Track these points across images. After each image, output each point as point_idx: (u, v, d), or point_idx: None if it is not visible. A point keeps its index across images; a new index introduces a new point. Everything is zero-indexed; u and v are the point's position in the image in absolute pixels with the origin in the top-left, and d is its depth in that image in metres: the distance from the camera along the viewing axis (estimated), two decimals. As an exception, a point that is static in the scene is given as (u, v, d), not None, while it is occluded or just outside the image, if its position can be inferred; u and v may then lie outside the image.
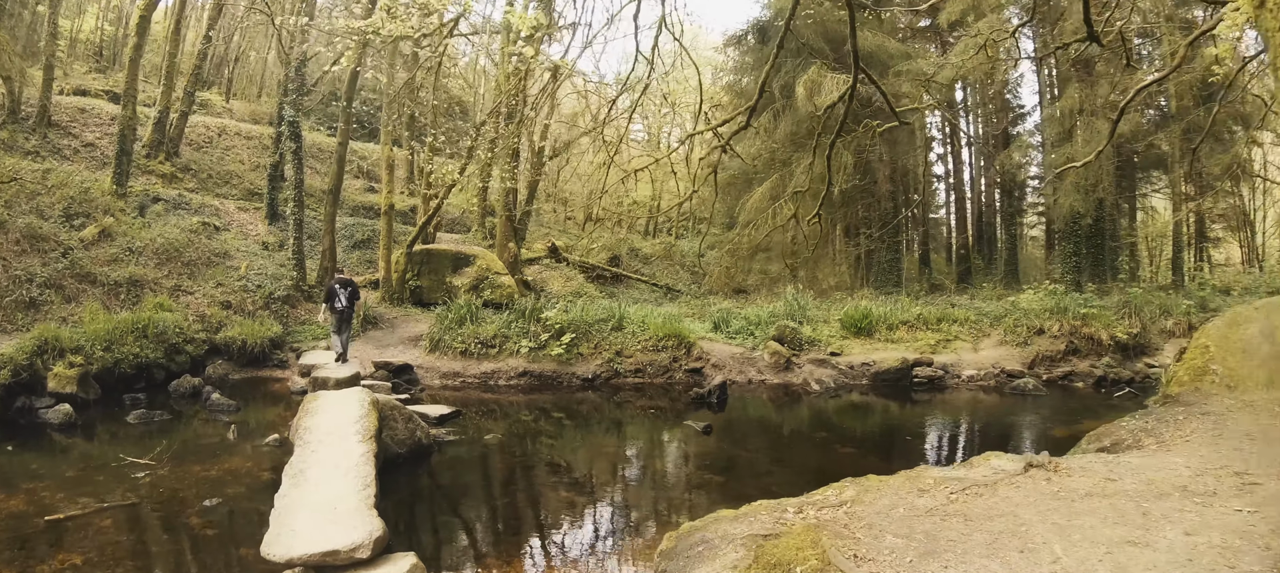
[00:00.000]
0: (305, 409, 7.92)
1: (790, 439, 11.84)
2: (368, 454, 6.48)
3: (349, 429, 7.05)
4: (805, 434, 12.18)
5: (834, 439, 11.72)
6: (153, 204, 20.59)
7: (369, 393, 8.48)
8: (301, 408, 8.11)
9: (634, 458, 10.29)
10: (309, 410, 7.82)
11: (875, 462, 10.08)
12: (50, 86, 23.40)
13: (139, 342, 13.90)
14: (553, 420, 12.60)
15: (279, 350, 15.59)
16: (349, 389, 8.68)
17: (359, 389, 8.48)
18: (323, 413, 7.62)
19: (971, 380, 16.33)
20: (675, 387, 15.10)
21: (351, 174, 29.80)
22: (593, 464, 9.82)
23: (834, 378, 16.27)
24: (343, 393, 8.58)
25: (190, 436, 10.53)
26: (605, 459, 10.11)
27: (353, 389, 8.61)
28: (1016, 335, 17.81)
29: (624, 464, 9.91)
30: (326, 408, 7.82)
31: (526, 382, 14.59)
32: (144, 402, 12.57)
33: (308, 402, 8.35)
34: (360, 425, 7.09)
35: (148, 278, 16.28)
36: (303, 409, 8.00)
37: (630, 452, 10.63)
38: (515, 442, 10.74)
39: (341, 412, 7.62)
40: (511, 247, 20.52)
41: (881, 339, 18.46)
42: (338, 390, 9.08)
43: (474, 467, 9.53)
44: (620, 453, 10.51)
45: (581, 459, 10.03)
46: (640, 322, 16.03)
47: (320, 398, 8.37)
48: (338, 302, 13.10)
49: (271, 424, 11.02)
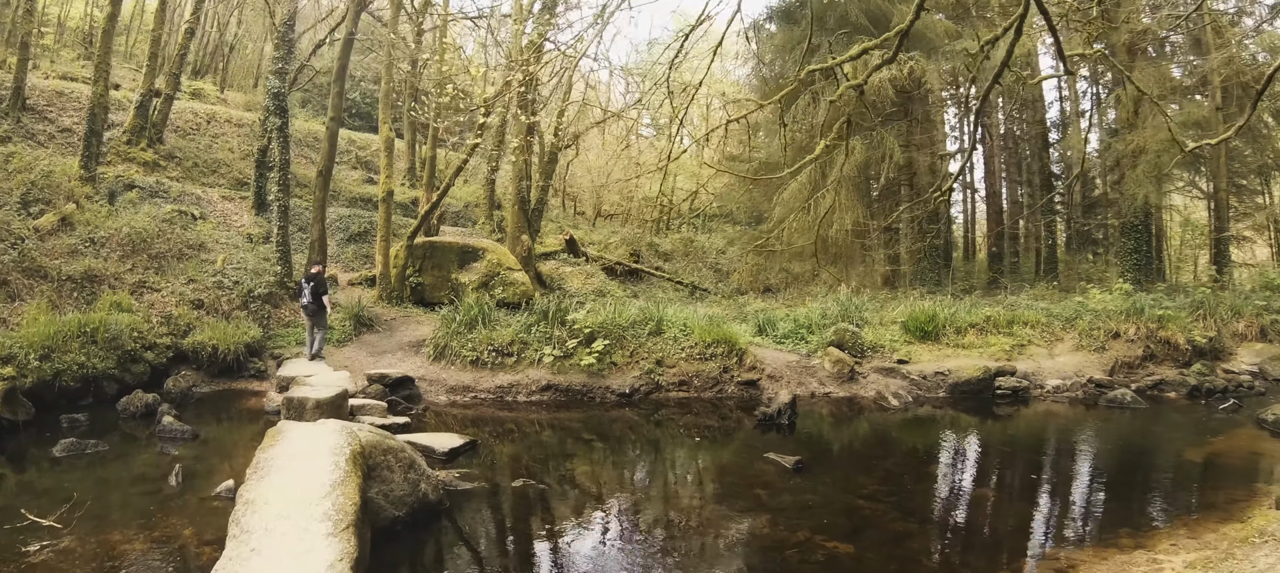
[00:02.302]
0: (257, 463, 5.14)
1: (908, 477, 9.11)
2: (340, 562, 3.69)
3: (313, 507, 4.28)
4: (922, 468, 9.51)
5: (960, 476, 9.08)
6: (126, 192, 17.80)
7: (352, 434, 5.70)
8: (254, 459, 5.34)
9: (717, 515, 7.43)
10: (260, 465, 5.04)
11: (1048, 513, 7.41)
12: (25, 67, 20.71)
13: (86, 349, 11.14)
14: (590, 450, 9.86)
15: (257, 358, 12.83)
16: (325, 427, 5.90)
17: (336, 431, 5.70)
18: (277, 472, 4.84)
19: (1058, 391, 13.87)
20: (726, 402, 12.40)
21: (348, 164, 26.99)
22: (665, 527, 7.04)
23: (908, 390, 13.64)
24: (315, 432, 5.79)
25: (123, 479, 7.74)
26: (680, 517, 7.30)
27: (328, 428, 5.83)
28: (1092, 340, 15.45)
29: (710, 528, 6.94)
30: (285, 462, 5.05)
31: (551, 397, 11.84)
32: (84, 424, 9.85)
33: (264, 446, 5.59)
34: (332, 502, 4.30)
35: (107, 272, 13.49)
36: (254, 462, 5.23)
37: (708, 503, 7.80)
38: (549, 489, 7.97)
39: (307, 471, 4.86)
40: (525, 239, 17.73)
41: (949, 344, 15.89)
42: (311, 424, 6.28)
43: (498, 535, 6.79)
44: (696, 506, 7.69)
45: (647, 519, 7.23)
46: (682, 325, 13.30)
47: (281, 441, 5.59)
48: (303, 297, 10.57)
49: (231, 460, 8.26)
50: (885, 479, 9.03)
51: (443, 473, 7.52)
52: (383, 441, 6.21)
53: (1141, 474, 9.10)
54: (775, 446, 9.64)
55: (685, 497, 8.00)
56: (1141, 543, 6.21)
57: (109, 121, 21.24)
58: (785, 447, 9.57)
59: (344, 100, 16.44)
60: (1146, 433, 11.02)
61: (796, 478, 8.38)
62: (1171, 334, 15.21)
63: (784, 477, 8.41)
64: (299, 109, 30.67)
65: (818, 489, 8.18)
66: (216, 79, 34.21)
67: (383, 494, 5.87)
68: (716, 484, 8.40)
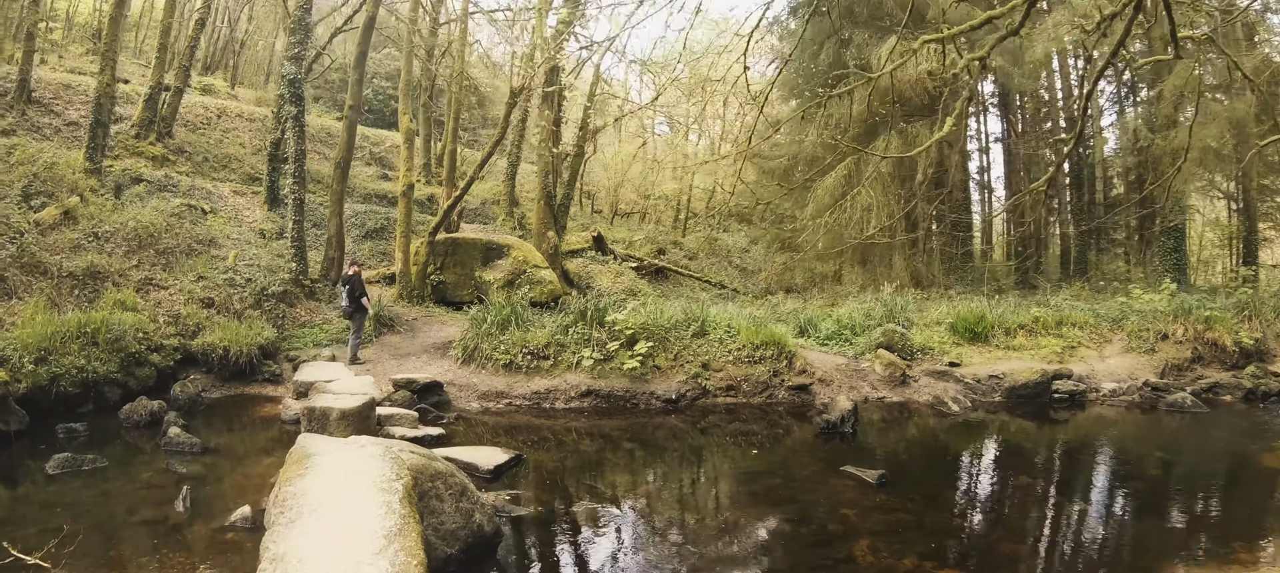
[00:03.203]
0: (283, 499, 4.00)
1: (996, 491, 8.05)
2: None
3: (366, 569, 3.15)
4: (1006, 480, 8.48)
5: (1049, 489, 8.02)
6: (133, 185, 16.70)
7: (398, 459, 4.59)
8: (278, 493, 4.21)
9: (810, 542, 6.31)
10: (288, 504, 3.90)
11: (1154, 527, 6.33)
12: (31, 59, 19.78)
13: (86, 351, 10.04)
14: (644, 465, 8.75)
15: (271, 360, 11.71)
16: (363, 450, 4.78)
17: (379, 456, 4.57)
18: (311, 515, 3.68)
19: (1114, 395, 12.82)
20: (776, 408, 11.28)
21: (362, 160, 25.88)
22: (755, 559, 5.95)
23: (964, 394, 12.57)
24: (352, 457, 4.67)
25: (122, 503, 6.63)
26: (769, 546, 6.21)
27: (367, 452, 4.71)
28: (1142, 341, 14.48)
29: (806, 560, 5.82)
30: (321, 501, 3.91)
31: (591, 403, 10.71)
32: (83, 434, 8.76)
33: (290, 474, 4.47)
34: (390, 561, 3.14)
35: (111, 269, 12.40)
36: (278, 496, 4.10)
37: (796, 528, 6.64)
38: (612, 513, 6.85)
39: (351, 514, 3.72)
40: (551, 236, 16.59)
41: (998, 346, 14.90)
42: (344, 444, 5.16)
43: (565, 567, 5.68)
44: (786, 533, 6.54)
45: (733, 550, 6.10)
46: (727, 326, 12.17)
47: (312, 471, 4.46)
48: (340, 300, 9.57)
49: (246, 479, 7.16)
50: (972, 494, 8.09)
51: (491, 496, 6.40)
52: (429, 463, 5.10)
53: (1233, 483, 8.31)
54: (843, 457, 8.64)
55: (768, 521, 6.88)
56: (1259, 557, 5.65)
57: (117, 115, 20.22)
58: (854, 458, 8.54)
59: (362, 88, 15.33)
60: (1218, 439, 10.27)
61: (881, 495, 7.37)
62: (1218, 335, 14.26)
63: (867, 494, 7.39)
64: (312, 104, 29.62)
65: (908, 507, 7.18)
66: (227, 75, 33.16)
67: (434, 528, 4.76)
68: (797, 505, 7.26)
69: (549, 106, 15.75)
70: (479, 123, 34.60)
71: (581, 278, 17.48)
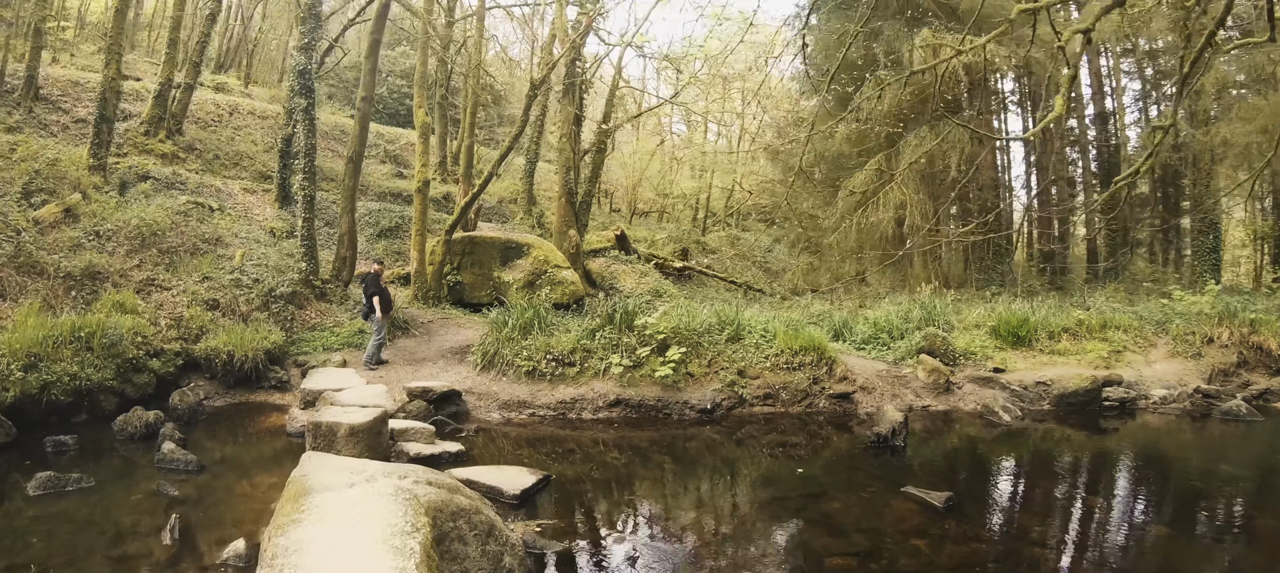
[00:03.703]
0: (273, 556, 3.15)
1: (1073, 513, 7.14)
2: None
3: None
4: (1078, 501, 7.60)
5: (1128, 510, 7.17)
6: (139, 182, 16.01)
7: (414, 499, 3.75)
8: (268, 546, 3.37)
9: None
10: (280, 563, 3.06)
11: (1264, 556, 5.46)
12: (38, 55, 19.26)
13: (80, 356, 9.28)
14: (685, 485, 7.87)
15: (278, 366, 10.91)
16: (374, 487, 3.94)
17: (390, 494, 3.72)
18: None
19: (1165, 402, 11.99)
20: (816, 418, 10.39)
21: (376, 158, 25.15)
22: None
23: (1013, 402, 11.65)
24: (361, 500, 3.81)
25: (105, 532, 5.82)
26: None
27: (379, 489, 3.86)
28: (1187, 345, 13.68)
29: None
30: (320, 559, 3.07)
31: (621, 414, 9.83)
32: (72, 448, 7.99)
33: (285, 513, 3.63)
34: None
35: (111, 269, 11.66)
36: (268, 552, 3.25)
37: (865, 564, 5.75)
38: (660, 549, 5.98)
39: (356, 569, 2.89)
40: (572, 234, 15.71)
41: (1042, 350, 13.98)
42: (351, 475, 4.31)
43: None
44: (851, 568, 5.71)
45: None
46: (762, 330, 11.28)
47: (310, 515, 3.60)
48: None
49: (244, 503, 6.35)
50: (1046, 516, 7.20)
51: (519, 527, 5.55)
52: (450, 500, 4.24)
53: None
54: (898, 474, 7.85)
55: (835, 556, 5.98)
56: None
57: (127, 113, 19.60)
58: (911, 476, 7.76)
59: (376, 79, 14.53)
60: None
61: (951, 520, 6.55)
62: (1264, 339, 13.39)
63: (936, 520, 6.56)
64: (325, 102, 28.96)
65: (984, 536, 6.39)
66: (240, 73, 32.55)
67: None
68: (863, 534, 6.37)
69: (570, 99, 14.92)
70: (495, 121, 33.82)
71: (604, 278, 16.59)
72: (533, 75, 12.83)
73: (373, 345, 11.09)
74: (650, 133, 32.39)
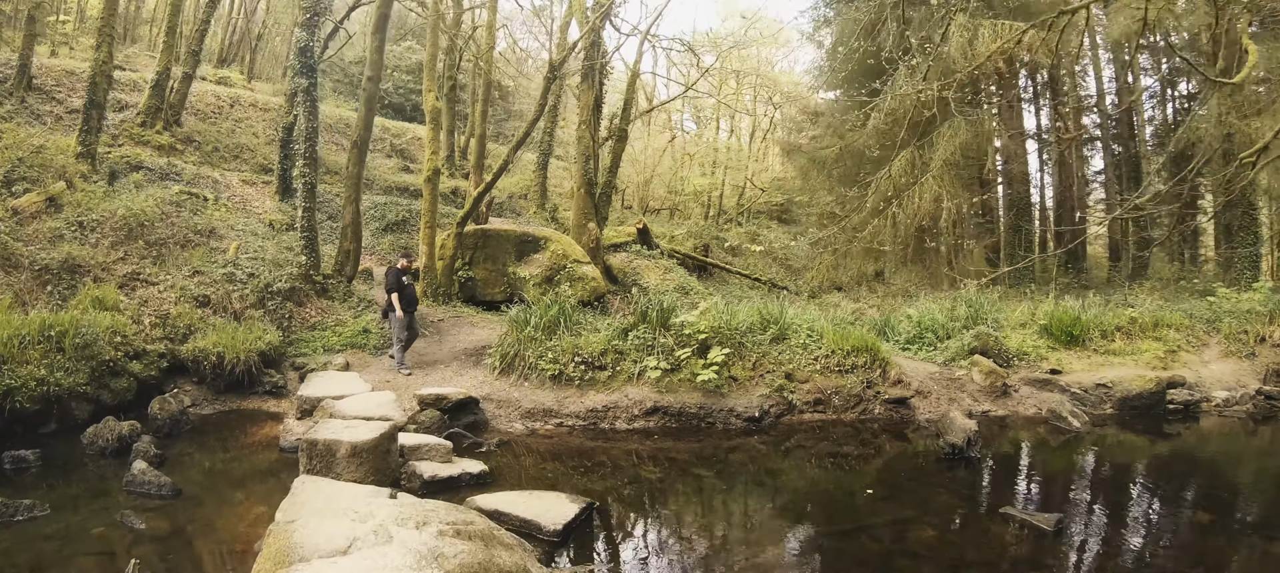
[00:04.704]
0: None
1: (1185, 534, 5.94)
2: None
3: None
4: (1183, 518, 6.47)
5: (1243, 526, 6.04)
6: (131, 172, 14.80)
7: (434, 560, 2.50)
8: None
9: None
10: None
11: None
12: (31, 43, 18.04)
13: (49, 359, 8.06)
14: (740, 509, 6.64)
15: (274, 369, 9.68)
16: (384, 552, 2.75)
17: (412, 564, 2.55)
18: None
19: (1228, 404, 10.97)
20: (870, 425, 9.18)
21: (382, 152, 23.94)
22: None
23: (1076, 405, 10.49)
24: (365, 558, 2.60)
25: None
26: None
27: (390, 555, 2.68)
28: (1241, 344, 12.68)
29: None
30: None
31: (659, 422, 8.60)
32: (34, 464, 6.81)
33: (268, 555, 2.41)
34: None
35: (92, 261, 10.45)
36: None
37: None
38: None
39: None
40: (592, 228, 14.45)
41: (1096, 350, 12.84)
42: (351, 521, 3.08)
43: None
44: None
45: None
46: (809, 330, 10.04)
47: None
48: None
49: (221, 543, 5.13)
50: (1155, 535, 6.05)
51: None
52: (490, 561, 3.01)
53: None
54: (981, 491, 6.81)
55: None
56: None
57: (123, 103, 18.44)
58: (996, 493, 6.81)
59: (383, 59, 13.30)
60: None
61: (1065, 547, 5.46)
62: None
63: (1049, 547, 5.46)
64: (330, 94, 27.79)
65: (1105, 566, 5.31)
66: (243, 67, 31.39)
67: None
68: (973, 572, 5.18)
69: (589, 85, 13.72)
70: (502, 116, 32.63)
71: (626, 274, 15.34)
72: (552, 56, 11.57)
73: (397, 349, 9.83)
74: (660, 129, 31.21)
